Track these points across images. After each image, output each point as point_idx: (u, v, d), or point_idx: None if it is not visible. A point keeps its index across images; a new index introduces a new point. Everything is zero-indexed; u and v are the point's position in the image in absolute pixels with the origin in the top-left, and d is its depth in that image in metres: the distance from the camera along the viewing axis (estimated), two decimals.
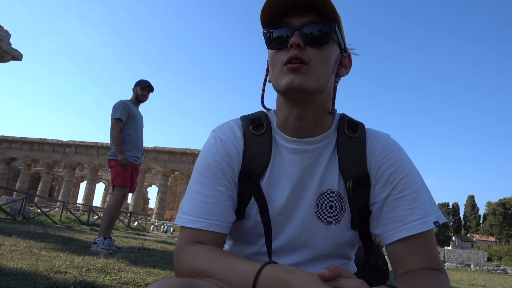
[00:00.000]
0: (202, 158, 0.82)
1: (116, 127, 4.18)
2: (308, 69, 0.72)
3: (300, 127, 0.80)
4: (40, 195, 18.38)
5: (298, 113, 0.78)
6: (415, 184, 0.77)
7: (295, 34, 0.72)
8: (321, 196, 0.81)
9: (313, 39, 0.73)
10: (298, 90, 0.72)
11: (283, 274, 0.58)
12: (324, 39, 0.73)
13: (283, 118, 0.82)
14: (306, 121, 0.79)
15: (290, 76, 0.72)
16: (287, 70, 0.73)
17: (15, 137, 36.34)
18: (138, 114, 4.46)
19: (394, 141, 0.84)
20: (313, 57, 0.73)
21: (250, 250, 0.85)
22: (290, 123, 0.80)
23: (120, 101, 4.30)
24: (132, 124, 4.35)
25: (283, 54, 0.74)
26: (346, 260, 0.87)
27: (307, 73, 0.72)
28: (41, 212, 11.47)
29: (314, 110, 0.78)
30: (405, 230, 0.74)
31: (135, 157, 4.40)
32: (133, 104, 4.45)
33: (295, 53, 0.72)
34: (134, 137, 4.38)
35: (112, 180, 4.22)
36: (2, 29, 12.83)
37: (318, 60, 0.73)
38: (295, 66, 0.72)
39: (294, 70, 0.72)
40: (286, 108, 0.80)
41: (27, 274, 1.99)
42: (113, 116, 4.21)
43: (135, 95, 4.47)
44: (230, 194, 0.80)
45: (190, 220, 0.75)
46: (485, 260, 15.97)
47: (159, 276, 2.62)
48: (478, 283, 6.87)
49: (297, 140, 0.81)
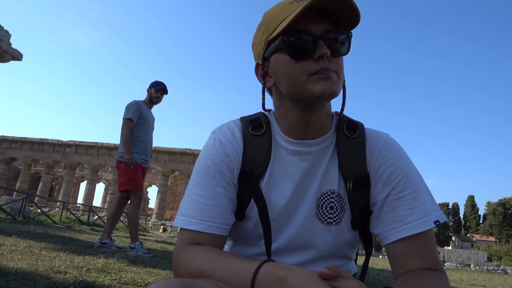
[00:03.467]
0: (201, 160, 0.82)
1: (126, 127, 4.17)
2: (337, 77, 0.73)
3: (306, 131, 0.81)
4: (40, 195, 18.36)
5: (308, 118, 0.79)
6: (415, 183, 0.77)
7: (321, 44, 0.71)
8: (321, 197, 0.81)
9: (338, 50, 0.74)
10: (330, 97, 0.74)
11: (281, 272, 0.58)
12: (347, 49, 0.75)
13: (289, 123, 0.82)
14: (314, 126, 0.81)
15: (324, 83, 0.71)
16: (319, 78, 0.72)
17: (15, 137, 36.34)
18: (150, 116, 4.47)
19: (394, 141, 0.84)
20: (339, 67, 0.74)
21: (250, 251, 0.85)
22: (298, 128, 0.81)
23: (133, 102, 4.32)
24: (143, 125, 4.35)
25: (309, 64, 0.72)
26: (346, 260, 0.88)
27: (336, 81, 0.73)
28: (41, 212, 11.49)
29: (320, 115, 0.80)
30: (405, 230, 0.74)
31: (144, 160, 4.40)
32: (146, 105, 4.46)
33: (327, 65, 0.72)
34: (144, 139, 4.38)
35: (123, 183, 4.17)
36: (2, 29, 12.83)
37: (341, 69, 0.75)
38: (329, 74, 0.72)
39: (327, 78, 0.72)
40: (295, 114, 0.79)
41: (27, 274, 1.99)
42: (125, 116, 4.22)
43: (149, 96, 4.48)
44: (229, 195, 0.79)
45: (188, 222, 0.75)
46: (485, 260, 15.96)
47: (159, 276, 2.62)
48: (478, 283, 6.86)
49: (298, 142, 0.81)
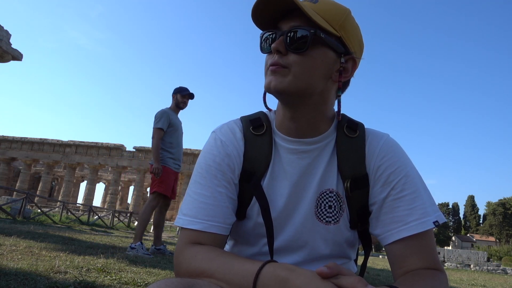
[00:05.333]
0: (202, 159, 0.82)
1: (157, 136, 4.31)
2: (287, 72, 0.74)
3: (295, 129, 0.81)
4: (40, 195, 18.38)
5: (291, 115, 0.80)
6: (414, 184, 0.77)
7: (279, 40, 0.74)
8: (320, 196, 0.81)
9: (294, 45, 0.73)
10: (274, 92, 0.75)
11: (283, 273, 0.58)
12: (304, 45, 0.73)
13: (280, 118, 0.83)
14: (299, 123, 0.80)
15: (268, 78, 0.75)
16: (268, 72, 0.75)
17: (15, 137, 36.33)
18: (178, 122, 4.59)
19: (394, 141, 0.84)
20: (293, 62, 0.73)
21: (251, 251, 0.86)
22: (286, 124, 0.82)
23: (162, 111, 4.44)
24: (174, 132, 4.48)
25: (269, 58, 0.76)
26: (346, 259, 0.88)
27: (285, 76, 0.74)
28: (41, 212, 11.49)
29: (306, 113, 0.79)
30: (404, 230, 0.74)
31: (177, 165, 4.55)
32: (173, 111, 4.57)
33: (275, 59, 0.74)
34: (176, 145, 4.52)
35: (154, 185, 4.31)
36: (2, 29, 12.83)
37: (299, 65, 0.74)
38: (274, 69, 0.74)
39: (273, 72, 0.74)
40: (282, 109, 0.82)
41: (27, 274, 1.99)
42: (155, 125, 4.35)
43: (175, 102, 4.59)
44: (230, 195, 0.80)
45: (189, 221, 0.76)
46: (485, 260, 15.96)
47: (159, 276, 2.62)
48: (478, 283, 6.87)
49: (296, 140, 0.82)
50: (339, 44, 0.76)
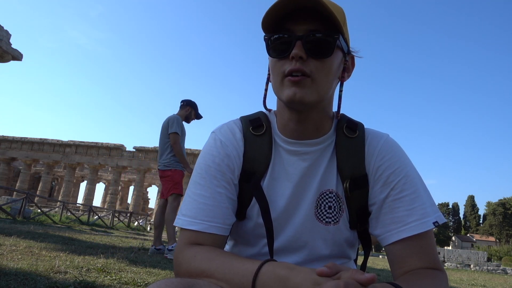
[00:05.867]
0: (202, 160, 0.82)
1: (177, 141, 4.50)
2: (310, 82, 0.71)
3: (300, 131, 0.80)
4: (40, 195, 18.38)
5: (299, 118, 0.78)
6: (414, 184, 0.77)
7: (297, 45, 0.69)
8: (320, 197, 0.81)
9: (316, 51, 0.70)
10: (299, 103, 0.72)
11: (282, 271, 0.58)
12: (328, 51, 0.71)
13: (283, 121, 0.82)
14: (306, 126, 0.80)
15: (292, 89, 0.71)
16: (289, 82, 0.71)
17: (15, 137, 36.30)
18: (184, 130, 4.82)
19: (394, 141, 0.84)
20: (315, 69, 0.71)
21: (251, 251, 0.85)
22: (290, 126, 0.81)
23: (175, 117, 4.62)
24: (182, 138, 4.69)
25: (285, 64, 0.72)
26: (346, 259, 0.88)
27: (310, 87, 0.71)
28: (41, 212, 11.49)
29: (314, 116, 0.79)
30: (404, 231, 0.74)
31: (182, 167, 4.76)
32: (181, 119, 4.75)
33: (297, 66, 0.70)
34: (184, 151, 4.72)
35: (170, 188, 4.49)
36: (2, 29, 12.82)
37: (320, 72, 0.71)
38: (297, 79, 0.70)
39: (296, 83, 0.70)
40: (287, 113, 0.80)
41: (27, 274, 1.99)
42: (171, 130, 4.50)
43: (187, 115, 4.80)
44: (230, 196, 0.79)
45: (189, 222, 0.75)
46: (485, 260, 15.96)
47: (159, 276, 2.62)
48: (478, 283, 6.87)
49: (297, 142, 0.81)
50: (345, 43, 0.76)
